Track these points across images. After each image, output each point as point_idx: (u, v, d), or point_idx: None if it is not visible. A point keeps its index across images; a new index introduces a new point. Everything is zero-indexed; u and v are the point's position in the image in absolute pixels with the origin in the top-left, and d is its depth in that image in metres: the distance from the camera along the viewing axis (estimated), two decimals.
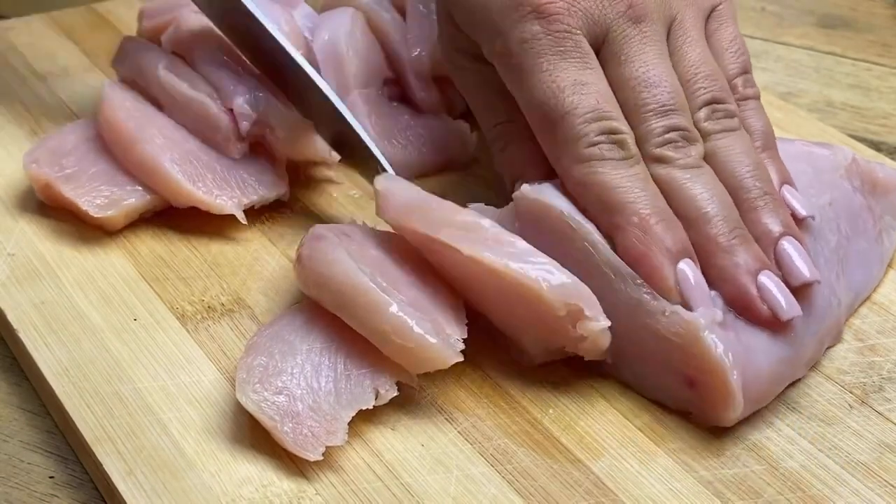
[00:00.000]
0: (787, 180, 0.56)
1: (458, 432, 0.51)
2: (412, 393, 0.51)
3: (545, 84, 0.54)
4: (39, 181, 0.62)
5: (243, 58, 0.65)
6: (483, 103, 0.61)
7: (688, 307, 0.51)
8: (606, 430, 0.51)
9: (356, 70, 0.68)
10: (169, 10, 0.70)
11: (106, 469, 0.48)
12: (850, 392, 0.54)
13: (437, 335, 0.50)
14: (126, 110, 0.63)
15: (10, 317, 0.56)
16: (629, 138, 0.54)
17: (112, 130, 0.62)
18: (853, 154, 0.61)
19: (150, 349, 0.54)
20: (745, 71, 0.59)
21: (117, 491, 0.47)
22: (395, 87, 0.70)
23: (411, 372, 0.51)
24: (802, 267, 0.52)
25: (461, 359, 0.50)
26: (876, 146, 0.74)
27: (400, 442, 0.50)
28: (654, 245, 0.51)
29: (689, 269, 0.51)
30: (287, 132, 0.64)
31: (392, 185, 0.55)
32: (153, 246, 0.61)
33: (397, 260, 0.54)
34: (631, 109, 0.55)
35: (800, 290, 0.52)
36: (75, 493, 0.50)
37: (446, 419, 0.51)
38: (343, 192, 0.66)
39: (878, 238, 0.60)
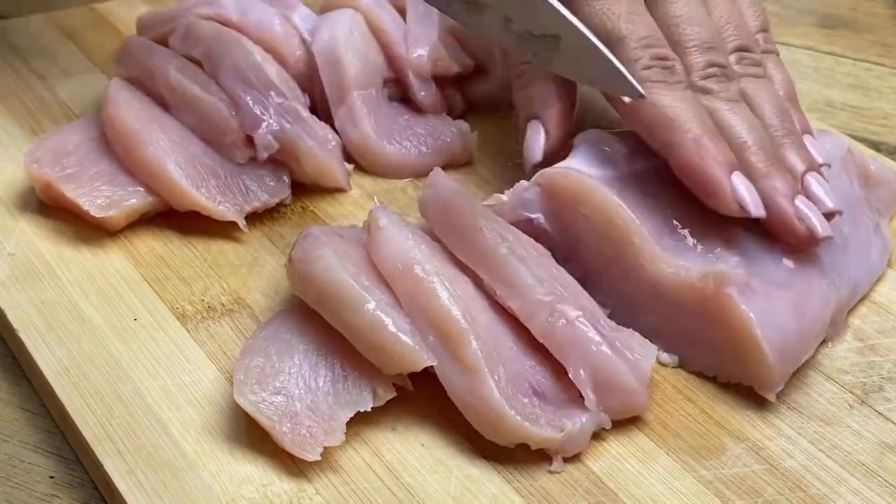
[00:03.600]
0: (807, 130, 0.60)
1: (458, 432, 0.51)
2: (412, 393, 0.51)
3: (602, 10, 0.58)
4: (40, 181, 0.62)
5: (271, 77, 0.65)
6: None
7: (746, 212, 0.54)
8: (606, 430, 0.51)
9: (355, 71, 0.68)
10: (170, 20, 0.70)
11: (106, 469, 0.48)
12: (850, 392, 0.54)
13: (412, 336, 0.50)
14: (131, 110, 0.63)
15: (10, 317, 0.56)
16: (678, 66, 0.57)
17: (116, 130, 0.62)
18: (848, 144, 0.62)
19: (150, 349, 0.54)
20: (765, 29, 0.63)
21: (117, 491, 0.47)
22: (395, 87, 0.70)
23: (385, 372, 0.50)
24: (826, 199, 0.56)
25: (435, 362, 0.50)
26: (876, 146, 0.74)
27: (400, 442, 0.50)
28: (708, 157, 0.54)
29: (740, 181, 0.54)
30: (312, 167, 0.64)
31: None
32: (153, 246, 0.61)
33: None
34: (675, 43, 0.58)
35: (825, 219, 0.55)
36: (75, 493, 0.50)
37: (446, 419, 0.51)
38: (344, 193, 0.66)
39: (877, 229, 0.60)
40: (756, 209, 0.54)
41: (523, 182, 0.57)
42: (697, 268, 0.53)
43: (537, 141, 0.61)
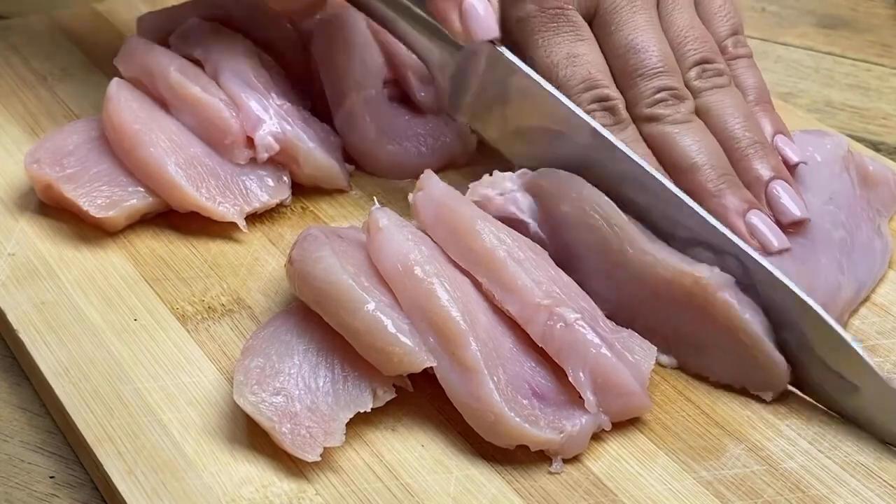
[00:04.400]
0: (780, 130, 0.60)
1: (458, 432, 0.51)
2: (412, 394, 0.51)
3: (541, 59, 0.58)
4: (41, 181, 0.62)
5: (272, 81, 0.65)
6: None
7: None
8: (606, 431, 0.51)
9: (354, 72, 0.68)
10: (171, 21, 0.70)
11: (106, 469, 0.48)
12: None
13: (411, 337, 0.50)
14: (132, 111, 0.63)
15: (10, 317, 0.56)
16: (620, 104, 0.57)
17: (116, 131, 0.62)
18: (848, 144, 0.62)
19: (150, 349, 0.54)
20: (735, 32, 0.62)
21: (117, 491, 0.47)
22: (395, 88, 0.70)
23: (384, 374, 0.50)
24: (791, 206, 0.56)
25: (435, 363, 0.50)
26: (876, 146, 0.74)
27: (400, 442, 0.50)
28: None
29: None
30: (313, 169, 0.64)
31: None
32: (153, 246, 0.61)
33: None
34: (622, 74, 0.58)
35: (792, 228, 0.56)
36: (75, 493, 0.50)
37: (446, 419, 0.51)
38: (344, 193, 0.66)
39: (878, 230, 0.60)
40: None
41: (501, 174, 0.58)
42: (677, 260, 0.53)
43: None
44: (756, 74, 0.62)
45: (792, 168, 0.59)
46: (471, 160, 0.69)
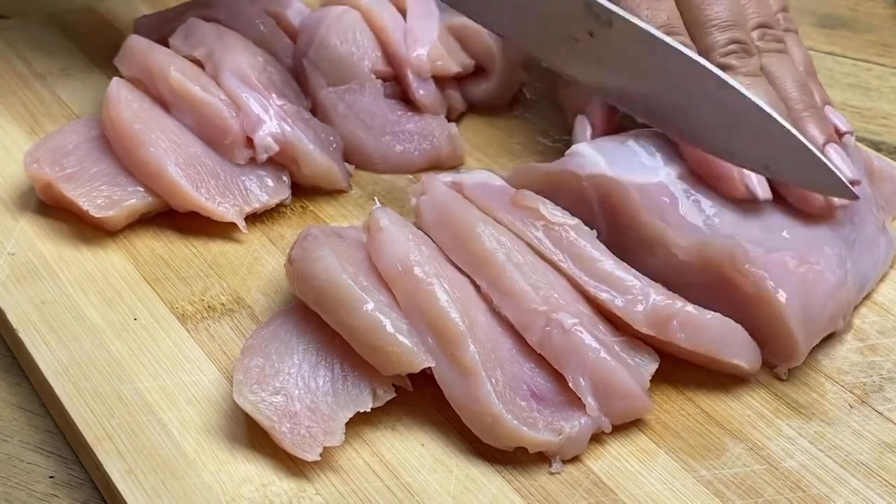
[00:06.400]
0: (827, 101, 0.62)
1: (458, 432, 0.51)
2: (412, 394, 0.51)
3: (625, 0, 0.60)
4: (41, 181, 0.62)
5: (273, 80, 0.65)
6: None
7: (753, 195, 0.56)
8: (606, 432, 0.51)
9: (331, 67, 0.68)
10: (169, 21, 0.70)
11: (106, 469, 0.48)
12: (850, 392, 0.54)
13: (410, 337, 0.50)
14: (132, 111, 0.63)
15: (10, 316, 0.56)
16: (695, 52, 0.58)
17: (116, 130, 0.62)
18: (853, 139, 0.62)
19: (150, 349, 0.54)
20: (784, 9, 0.65)
21: (117, 491, 0.47)
22: (394, 86, 0.70)
23: (383, 373, 0.50)
24: (845, 168, 0.57)
25: (433, 363, 0.50)
26: (876, 146, 0.74)
27: (400, 441, 0.50)
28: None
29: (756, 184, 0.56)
30: (312, 170, 0.64)
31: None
32: (153, 246, 0.61)
33: None
34: (696, 23, 0.60)
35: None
36: (75, 493, 0.50)
37: (446, 419, 0.51)
38: (344, 193, 0.66)
39: (882, 227, 0.60)
40: (763, 192, 0.56)
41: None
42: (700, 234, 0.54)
43: (584, 137, 0.62)
44: (803, 50, 0.64)
45: (840, 137, 0.60)
46: (461, 162, 0.69)
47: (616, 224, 0.56)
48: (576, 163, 0.57)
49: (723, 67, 0.58)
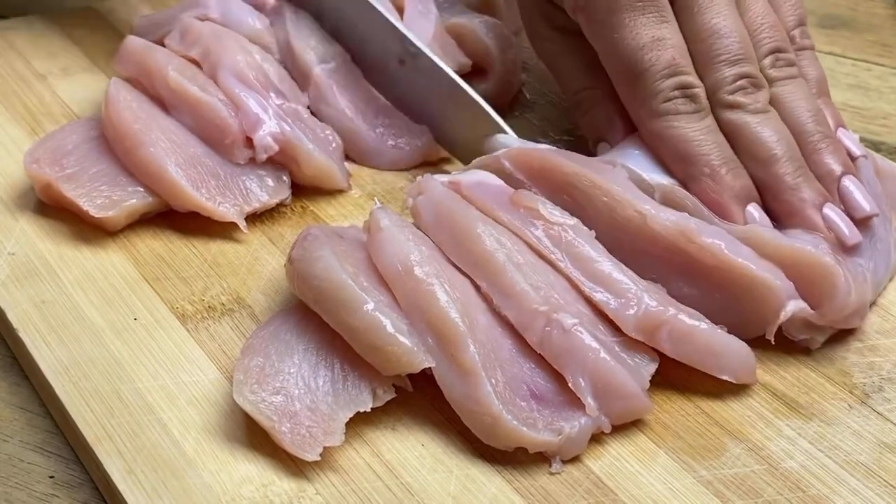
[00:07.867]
0: (840, 123, 0.61)
1: (458, 431, 0.51)
2: (412, 394, 0.51)
3: (626, 40, 0.59)
4: (40, 181, 0.62)
5: (270, 78, 0.65)
6: (566, 71, 0.66)
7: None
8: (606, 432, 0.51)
9: (314, 45, 0.68)
10: (165, 23, 0.70)
11: (106, 468, 0.48)
12: (850, 392, 0.54)
13: (410, 337, 0.50)
14: (131, 111, 0.63)
15: (11, 316, 0.56)
16: (700, 91, 0.58)
17: (116, 131, 0.62)
18: (868, 161, 0.61)
19: (150, 349, 0.54)
20: (802, 23, 0.63)
21: (117, 490, 0.47)
22: None
23: (383, 373, 0.50)
24: (863, 202, 0.57)
25: (433, 363, 0.50)
26: (876, 146, 0.74)
27: (400, 441, 0.50)
28: (724, 192, 0.56)
29: (755, 211, 0.56)
30: (312, 170, 0.64)
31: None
32: (153, 246, 0.61)
33: None
34: (704, 58, 0.59)
35: (861, 223, 0.57)
36: (75, 493, 0.50)
37: (446, 419, 0.51)
38: (344, 193, 0.66)
39: (890, 226, 0.60)
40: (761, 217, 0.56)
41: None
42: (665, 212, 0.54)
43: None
44: (818, 67, 0.63)
45: (854, 160, 0.60)
46: (439, 160, 0.69)
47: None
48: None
49: (731, 106, 0.58)
